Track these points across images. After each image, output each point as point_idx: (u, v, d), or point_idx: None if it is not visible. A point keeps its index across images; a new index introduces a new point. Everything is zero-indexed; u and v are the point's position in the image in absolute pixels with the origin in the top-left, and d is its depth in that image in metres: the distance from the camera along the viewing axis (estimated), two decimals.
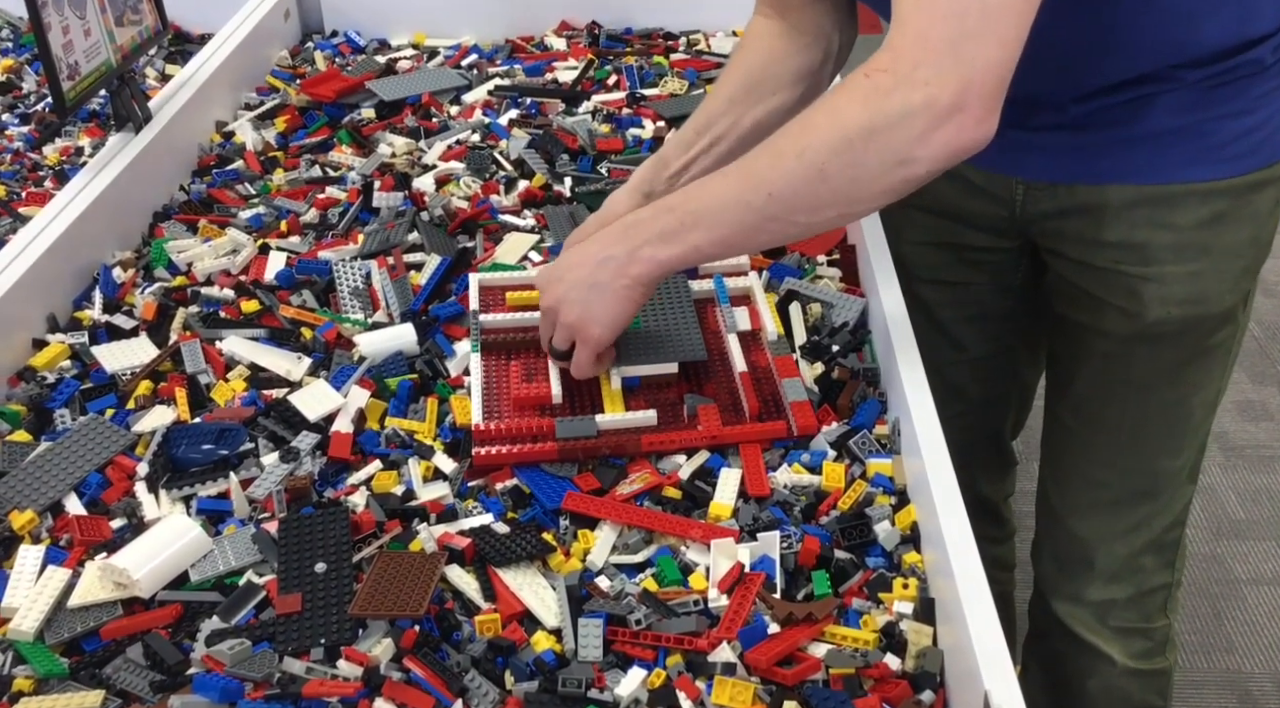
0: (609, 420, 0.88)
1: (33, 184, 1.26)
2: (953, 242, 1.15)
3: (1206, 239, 1.01)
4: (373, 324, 1.02)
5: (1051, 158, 1.04)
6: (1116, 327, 1.05)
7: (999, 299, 1.19)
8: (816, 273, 1.04)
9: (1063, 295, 1.10)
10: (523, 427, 0.87)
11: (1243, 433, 2.12)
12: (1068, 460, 1.17)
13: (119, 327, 1.02)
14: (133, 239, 1.17)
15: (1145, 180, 1.00)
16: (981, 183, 1.09)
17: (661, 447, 0.86)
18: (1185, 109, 0.97)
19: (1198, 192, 0.99)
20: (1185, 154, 0.98)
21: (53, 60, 1.06)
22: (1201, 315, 1.04)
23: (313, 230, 1.17)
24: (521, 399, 0.91)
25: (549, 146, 1.30)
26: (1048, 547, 1.21)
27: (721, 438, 0.87)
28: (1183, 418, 1.10)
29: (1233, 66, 0.95)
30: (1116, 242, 1.02)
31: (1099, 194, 1.02)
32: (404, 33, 1.65)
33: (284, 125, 1.39)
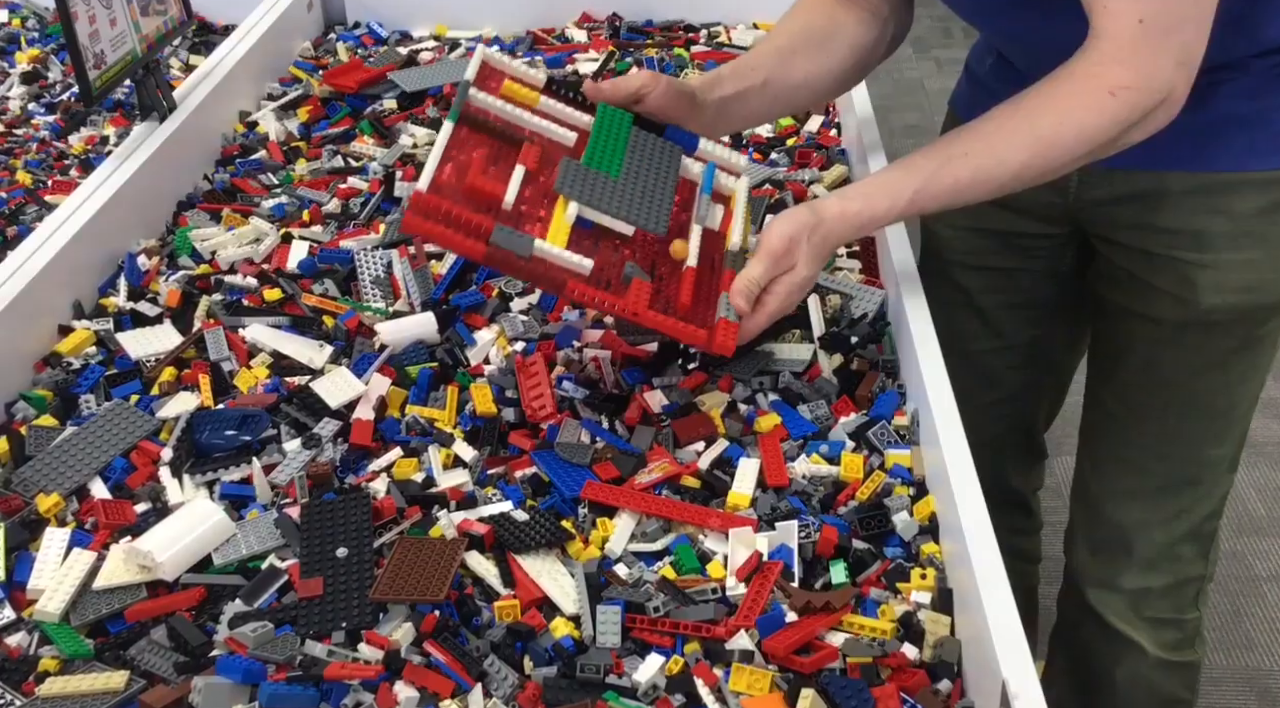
0: (546, 249, 0.84)
1: (59, 173, 1.27)
2: (1000, 228, 1.14)
3: (1264, 228, 1.01)
4: (394, 313, 1.03)
5: None
6: (1169, 313, 1.05)
7: (1045, 286, 1.18)
8: (836, 264, 1.05)
9: (1113, 282, 1.10)
10: (463, 215, 0.83)
11: (1264, 430, 2.11)
12: (1109, 447, 1.16)
13: (143, 314, 1.03)
14: (157, 227, 1.18)
15: (1205, 167, 1.00)
16: None
17: (582, 300, 0.85)
18: (1248, 96, 0.97)
19: (1257, 180, 0.99)
20: (1246, 142, 0.98)
21: (79, 50, 1.07)
22: (1255, 305, 1.04)
23: (334, 220, 1.18)
24: (473, 189, 0.87)
25: None
26: (1083, 534, 1.21)
27: (640, 319, 0.85)
28: (1229, 407, 1.10)
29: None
30: (1173, 228, 1.02)
31: (1157, 180, 1.02)
32: (426, 24, 1.65)
33: (306, 116, 1.39)
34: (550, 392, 0.92)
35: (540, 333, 1.00)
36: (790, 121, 1.31)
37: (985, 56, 1.15)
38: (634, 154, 0.94)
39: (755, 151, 1.27)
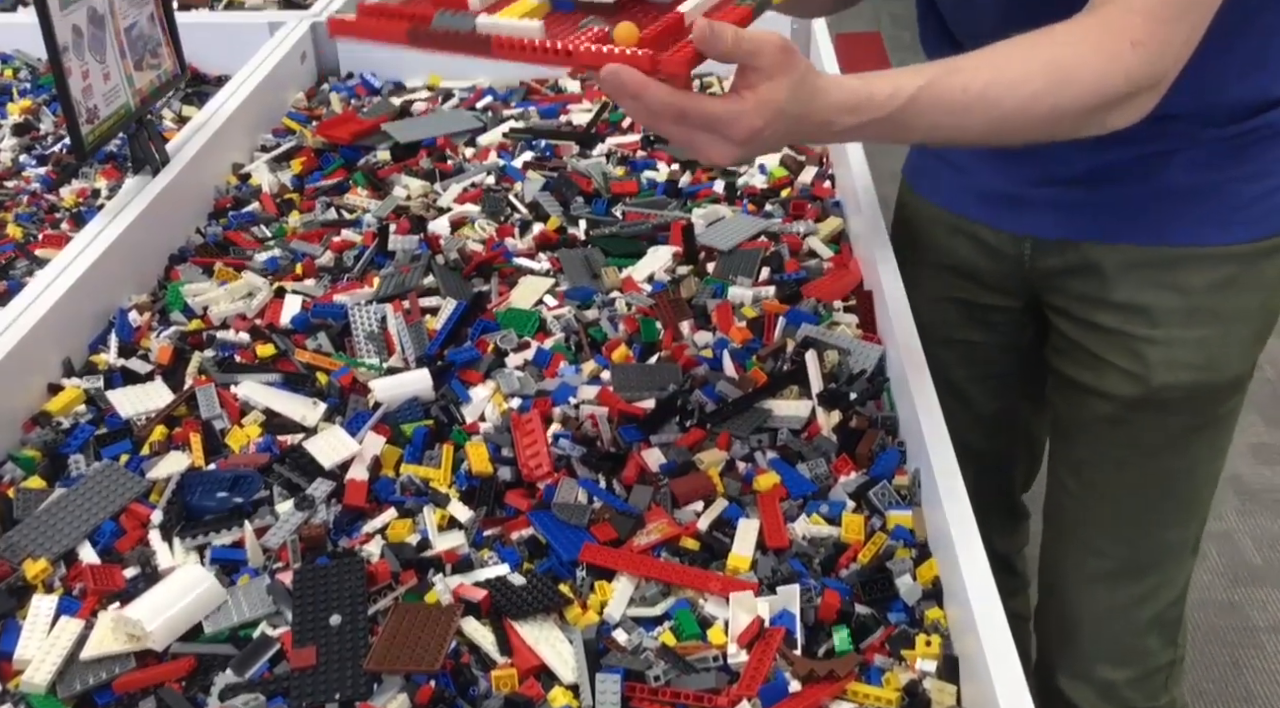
0: (491, 22, 0.73)
1: (49, 226, 1.27)
2: (965, 299, 1.14)
3: (1216, 304, 1.00)
4: (388, 369, 1.02)
5: (1063, 214, 1.03)
6: (1121, 390, 1.04)
7: (1008, 359, 1.19)
8: (833, 319, 1.04)
9: (1066, 355, 1.09)
10: (408, 9, 0.77)
11: (1259, 477, 2.11)
12: (1069, 526, 1.16)
13: (134, 371, 1.02)
14: (149, 282, 1.17)
15: (1156, 240, 1.00)
16: (992, 240, 1.09)
17: (508, 53, 0.72)
18: (1201, 169, 0.96)
19: (1209, 255, 0.99)
20: (1198, 215, 0.98)
21: (72, 105, 1.07)
22: (1211, 383, 1.03)
23: (328, 273, 1.17)
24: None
25: (564, 189, 1.31)
26: (1052, 615, 1.20)
27: (576, 58, 0.71)
28: (1189, 489, 1.09)
29: (1252, 128, 0.95)
30: (1124, 302, 1.02)
31: (1107, 253, 1.01)
32: (419, 75, 1.66)
33: (300, 167, 1.39)
34: (547, 450, 0.91)
35: (536, 389, 0.99)
36: (784, 173, 1.32)
37: None
38: None
39: (750, 203, 1.27)
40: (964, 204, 1.13)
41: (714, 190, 1.29)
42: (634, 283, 1.13)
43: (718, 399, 0.95)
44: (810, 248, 1.17)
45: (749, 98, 0.71)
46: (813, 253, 1.16)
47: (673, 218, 1.23)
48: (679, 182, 1.32)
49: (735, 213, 1.24)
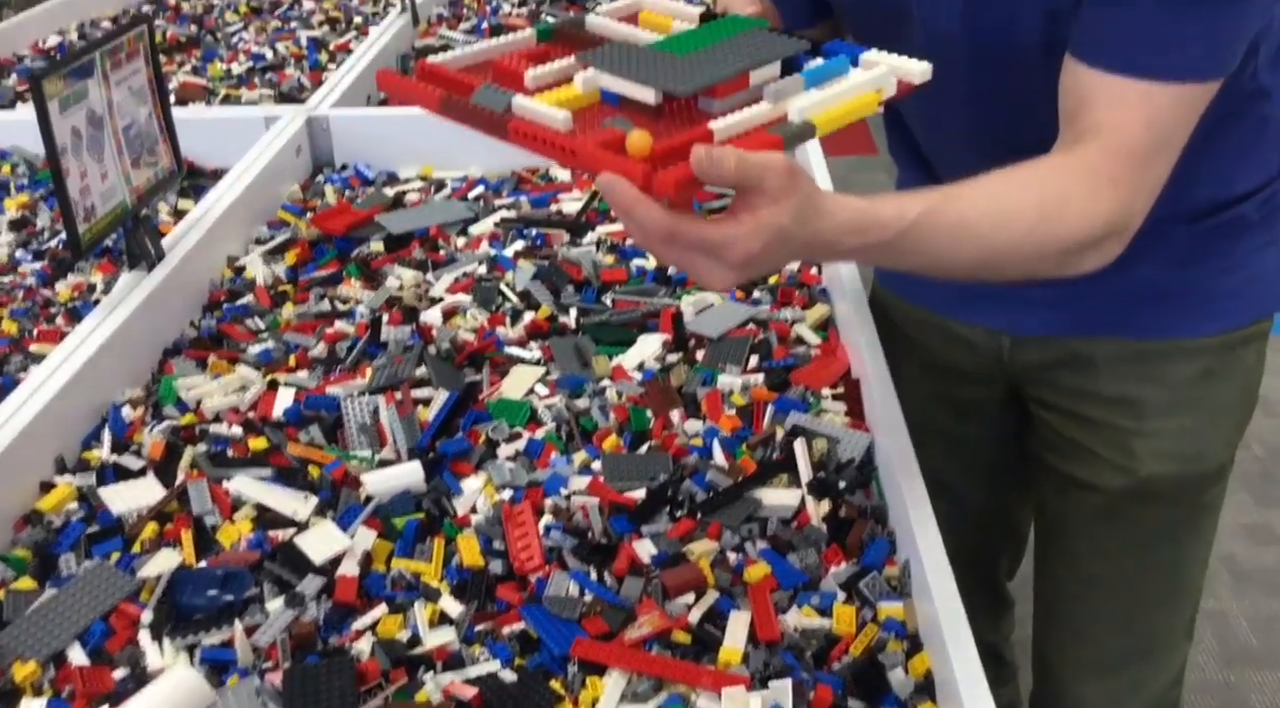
0: (525, 105, 0.74)
1: (45, 321, 1.28)
2: (945, 393, 1.15)
3: (1198, 395, 1.02)
4: (380, 461, 1.03)
5: (1040, 311, 1.05)
6: (1109, 481, 1.05)
7: (992, 450, 1.19)
8: (822, 407, 1.05)
9: (1052, 447, 1.10)
10: (453, 78, 0.79)
11: (1252, 557, 2.10)
12: (1062, 616, 1.16)
13: (127, 467, 1.02)
14: (142, 376, 1.18)
15: (1135, 335, 1.01)
16: (968, 335, 1.10)
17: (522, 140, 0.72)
18: (1172, 265, 0.98)
19: (1188, 348, 1.00)
20: (1174, 310, 1.00)
21: (70, 204, 1.09)
22: (1197, 472, 1.04)
23: (321, 365, 1.18)
24: (501, 68, 0.80)
25: (554, 278, 1.32)
26: (1047, 705, 1.19)
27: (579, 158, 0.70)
28: (1180, 576, 1.09)
29: (1219, 223, 0.97)
30: (1109, 395, 1.03)
31: (1089, 347, 1.03)
32: (413, 165, 1.69)
33: (294, 259, 1.41)
34: (538, 542, 0.91)
35: (528, 480, 0.99)
36: None
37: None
38: (737, 41, 0.78)
39: (738, 290, 1.28)
40: (937, 301, 1.15)
41: None
42: (624, 371, 1.14)
43: (708, 489, 0.96)
44: (798, 335, 1.18)
45: (747, 221, 0.69)
46: (801, 340, 1.18)
47: (662, 305, 1.24)
48: (668, 269, 1.33)
49: (724, 300, 1.25)
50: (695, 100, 0.76)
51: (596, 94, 0.78)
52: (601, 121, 0.74)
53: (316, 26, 2.36)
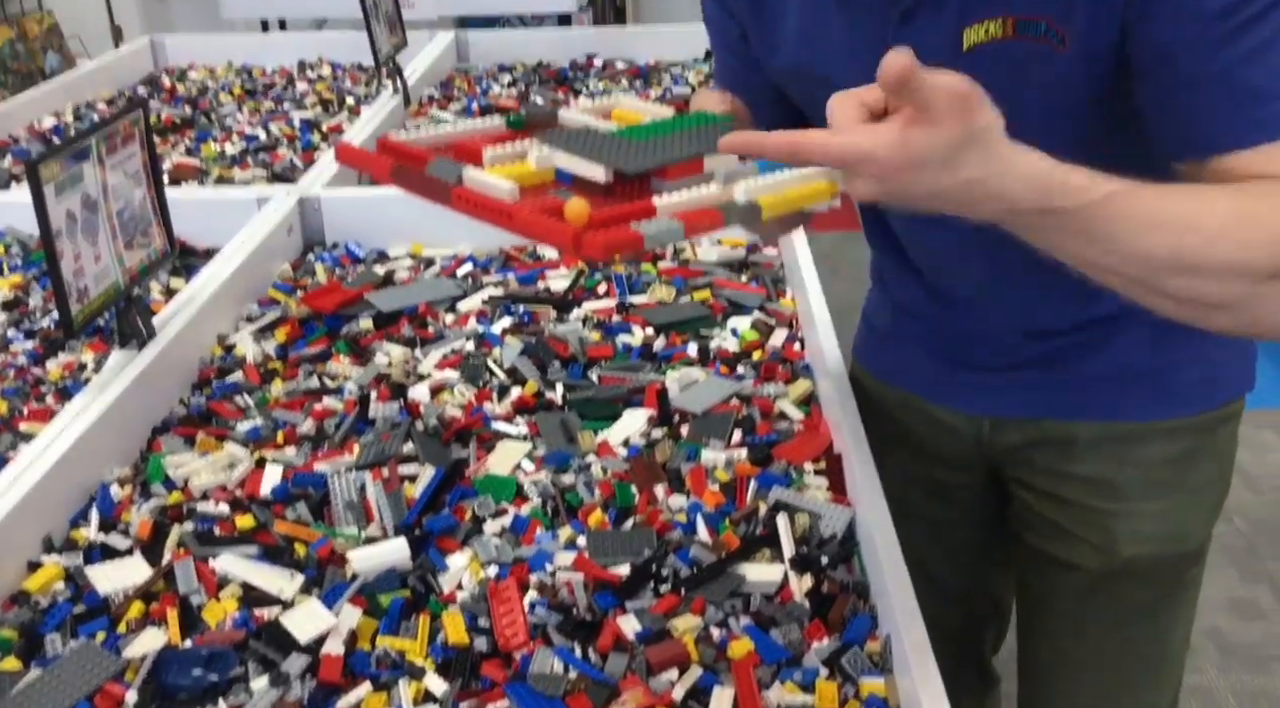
0: (474, 176, 0.75)
1: (35, 400, 1.29)
2: (924, 475, 1.17)
3: (1175, 476, 1.03)
4: (366, 538, 1.03)
5: (1016, 395, 1.07)
6: (1089, 562, 1.06)
7: (971, 533, 1.20)
8: (804, 482, 1.06)
9: (1031, 527, 1.11)
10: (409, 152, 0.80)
11: (1237, 632, 2.09)
12: (1045, 693, 1.16)
13: (114, 546, 1.03)
14: (131, 454, 1.18)
15: (1112, 417, 1.03)
16: (946, 419, 1.12)
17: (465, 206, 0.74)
18: (1145, 348, 1.00)
19: (1163, 429, 1.02)
20: (1147, 392, 1.02)
21: (63, 286, 1.11)
22: (1176, 553, 1.05)
23: (309, 441, 1.19)
24: (461, 148, 0.81)
25: (541, 354, 1.34)
26: None
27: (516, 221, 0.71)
28: (1162, 654, 1.10)
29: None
30: (1086, 476, 1.04)
31: (1066, 428, 1.04)
32: (402, 244, 1.71)
33: (284, 336, 1.43)
34: (523, 619, 0.92)
35: (514, 556, 1.00)
36: (755, 336, 1.36)
37: (882, 309, 1.19)
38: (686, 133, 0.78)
39: (722, 365, 1.30)
40: (918, 384, 1.16)
41: (688, 353, 1.33)
42: (610, 447, 1.16)
43: (692, 564, 0.97)
44: (781, 410, 1.20)
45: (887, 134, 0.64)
46: (784, 415, 1.19)
47: (647, 381, 1.26)
48: (653, 345, 1.35)
49: (708, 376, 1.27)
50: (648, 182, 0.77)
51: (551, 172, 0.79)
52: (538, 195, 0.75)
53: (309, 108, 2.41)
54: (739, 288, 1.50)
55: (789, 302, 1.45)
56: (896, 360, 1.19)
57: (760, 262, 1.58)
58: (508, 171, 0.77)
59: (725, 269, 1.56)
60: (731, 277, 1.54)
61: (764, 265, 1.56)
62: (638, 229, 0.68)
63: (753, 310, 1.43)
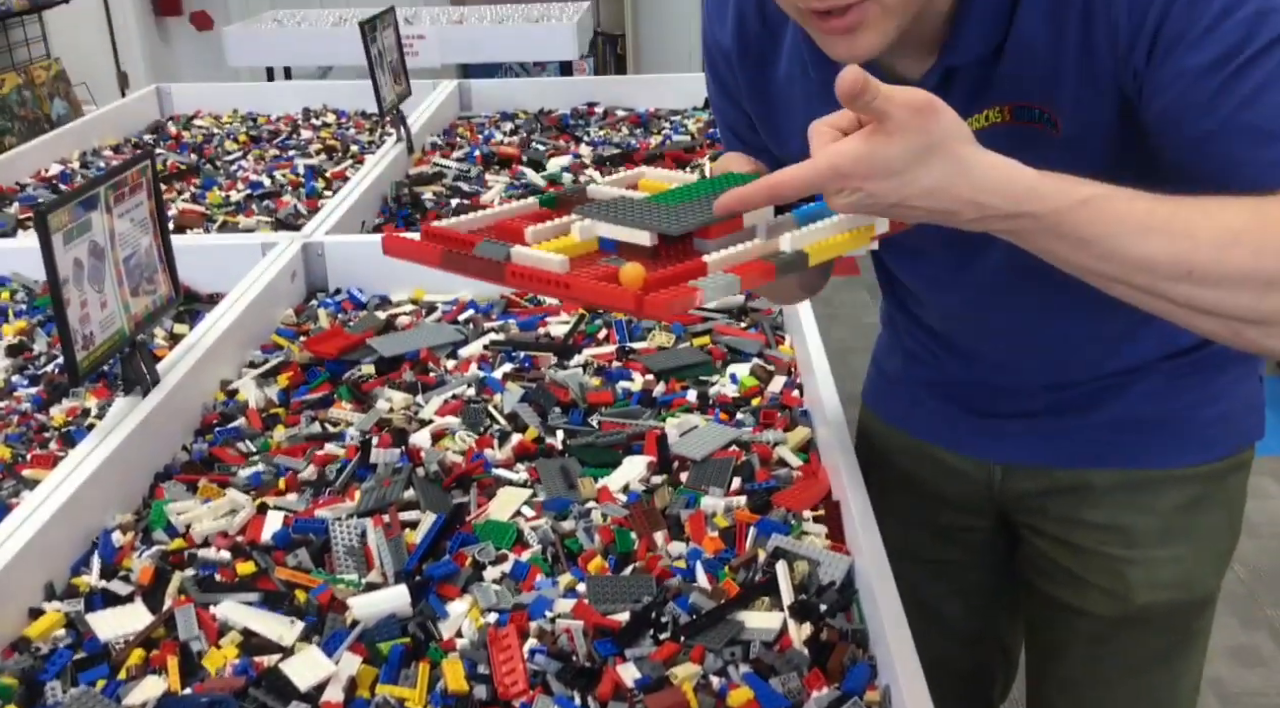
0: (523, 253, 0.77)
1: (39, 446, 1.29)
2: (932, 521, 1.17)
3: (1188, 523, 1.04)
4: (367, 585, 1.04)
5: (1029, 442, 1.07)
6: (1102, 608, 1.06)
7: (980, 575, 1.21)
8: (803, 529, 1.07)
9: (1043, 573, 1.12)
10: (456, 236, 0.82)
11: (1238, 680, 2.09)
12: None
13: (115, 593, 1.03)
14: (134, 501, 1.19)
15: (1125, 465, 1.04)
16: (957, 465, 1.12)
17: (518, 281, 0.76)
18: (1159, 396, 1.01)
19: (1177, 477, 1.03)
20: (1162, 441, 1.03)
21: (69, 333, 1.12)
22: (1188, 600, 1.05)
23: (311, 487, 1.20)
24: (502, 227, 0.84)
25: (542, 400, 1.35)
26: None
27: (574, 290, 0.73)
28: (1173, 699, 1.10)
29: (1200, 358, 1.00)
30: (1102, 524, 1.05)
31: (1080, 476, 1.05)
32: (404, 289, 1.73)
33: (286, 382, 1.44)
34: (523, 667, 0.92)
35: (513, 603, 1.00)
36: (754, 382, 1.37)
37: (893, 354, 1.20)
38: (718, 196, 0.78)
39: (722, 411, 1.31)
40: (928, 430, 1.17)
41: (687, 399, 1.34)
42: (609, 493, 1.16)
43: (691, 611, 0.97)
44: (780, 457, 1.20)
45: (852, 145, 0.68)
46: (782, 462, 1.20)
47: (647, 427, 1.27)
48: (653, 391, 1.36)
49: (707, 422, 1.28)
50: (690, 243, 0.80)
51: (594, 243, 0.81)
52: (588, 264, 0.78)
53: (314, 155, 2.44)
54: (738, 334, 1.51)
55: (788, 348, 1.47)
56: (907, 405, 1.20)
57: (759, 308, 1.59)
58: (554, 246, 0.80)
59: (724, 315, 1.57)
60: (731, 323, 1.55)
61: (763, 312, 1.58)
62: (697, 285, 0.71)
63: (752, 357, 1.44)
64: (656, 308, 0.69)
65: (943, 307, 1.08)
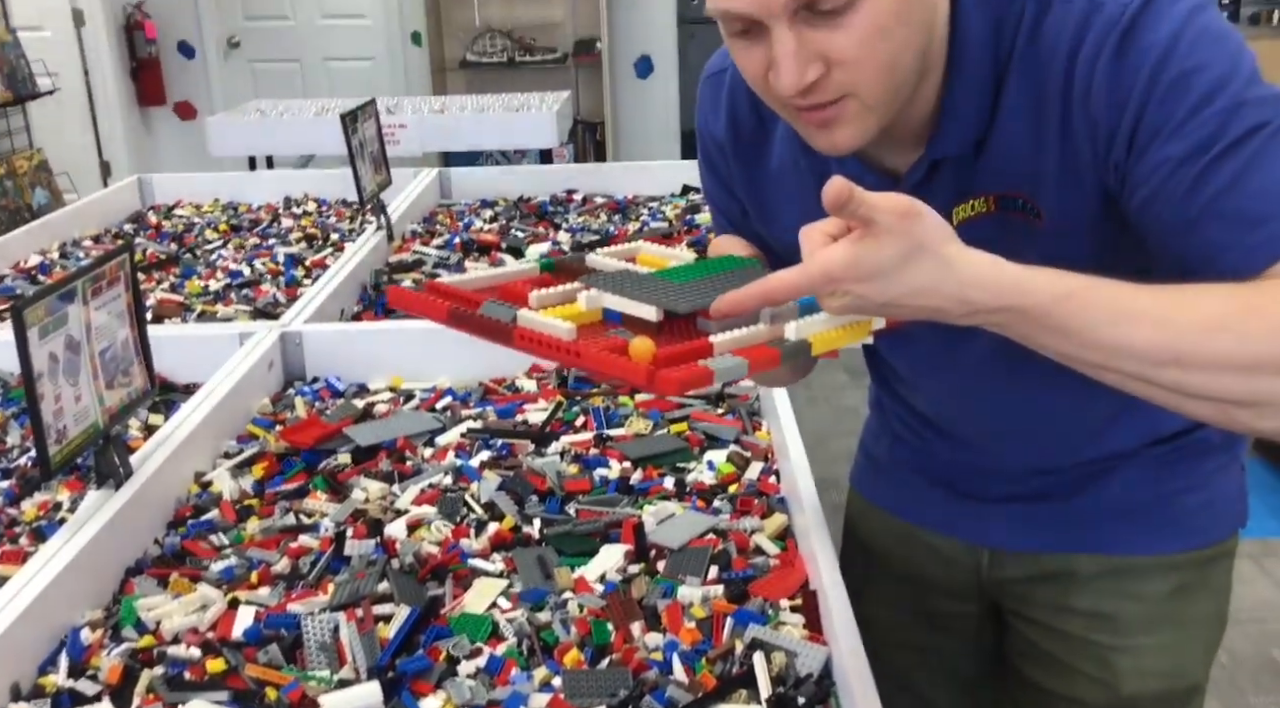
0: (530, 317, 0.79)
1: (8, 541, 1.28)
2: (920, 607, 1.17)
3: (1175, 611, 1.04)
4: (339, 681, 1.02)
5: (1017, 527, 1.08)
6: (1090, 697, 1.06)
7: (969, 662, 1.20)
8: (780, 619, 1.06)
9: (1031, 660, 1.11)
10: (459, 294, 0.84)
11: None
12: None
13: (82, 693, 1.01)
14: (104, 597, 1.17)
15: (1113, 551, 1.04)
16: (946, 550, 1.13)
17: (526, 345, 0.77)
18: (1144, 483, 1.03)
19: (1163, 564, 1.04)
20: (1148, 527, 1.04)
21: (43, 428, 1.11)
22: (1176, 689, 1.05)
23: (284, 580, 1.19)
24: (506, 290, 0.86)
25: (519, 488, 1.35)
26: None
27: (580, 359, 0.75)
28: None
29: (1184, 445, 1.02)
30: (1087, 610, 1.05)
31: (1067, 562, 1.06)
32: (382, 377, 1.73)
33: (261, 472, 1.43)
34: None
35: (488, 699, 0.99)
36: (731, 469, 1.37)
37: (881, 437, 1.21)
38: (733, 274, 0.83)
39: (699, 499, 1.31)
40: (917, 513, 1.17)
41: (664, 487, 1.34)
42: (586, 583, 1.15)
43: (668, 705, 0.95)
44: (757, 545, 1.20)
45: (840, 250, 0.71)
46: (760, 550, 1.20)
47: (624, 515, 1.26)
48: (630, 479, 1.36)
49: (684, 509, 1.28)
50: (694, 321, 0.82)
51: (598, 313, 0.83)
52: (595, 335, 0.80)
53: (294, 243, 2.45)
54: (715, 421, 1.51)
55: (765, 434, 1.47)
56: (895, 489, 1.21)
57: (736, 393, 1.60)
58: (559, 313, 0.81)
59: (701, 401, 1.58)
60: (708, 409, 1.56)
61: (740, 398, 1.58)
62: (708, 366, 0.73)
63: (729, 443, 1.44)
64: (668, 384, 0.71)
65: (930, 390, 1.09)
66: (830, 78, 0.79)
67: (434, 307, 0.85)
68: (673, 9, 5.90)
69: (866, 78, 0.79)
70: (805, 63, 0.78)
